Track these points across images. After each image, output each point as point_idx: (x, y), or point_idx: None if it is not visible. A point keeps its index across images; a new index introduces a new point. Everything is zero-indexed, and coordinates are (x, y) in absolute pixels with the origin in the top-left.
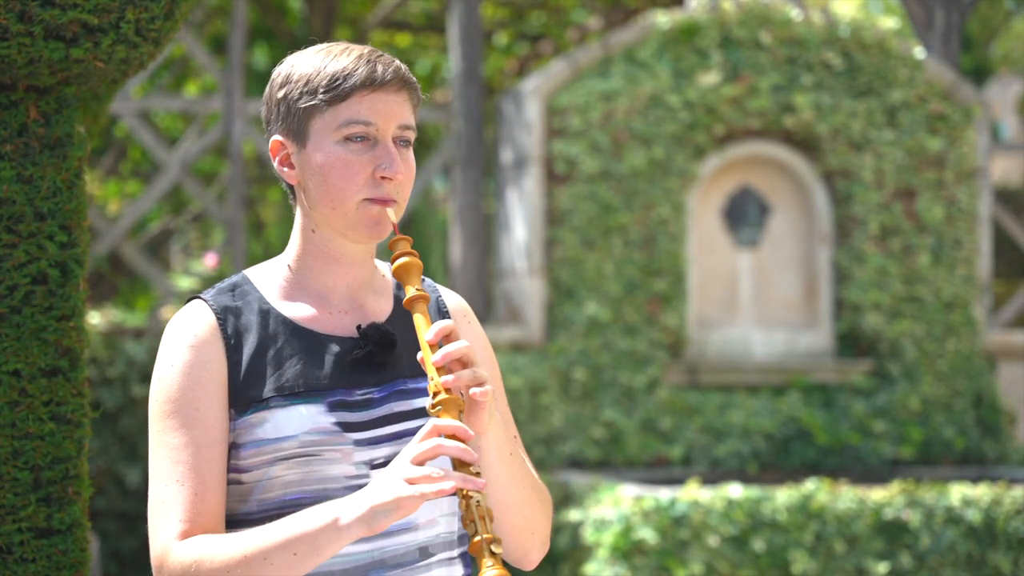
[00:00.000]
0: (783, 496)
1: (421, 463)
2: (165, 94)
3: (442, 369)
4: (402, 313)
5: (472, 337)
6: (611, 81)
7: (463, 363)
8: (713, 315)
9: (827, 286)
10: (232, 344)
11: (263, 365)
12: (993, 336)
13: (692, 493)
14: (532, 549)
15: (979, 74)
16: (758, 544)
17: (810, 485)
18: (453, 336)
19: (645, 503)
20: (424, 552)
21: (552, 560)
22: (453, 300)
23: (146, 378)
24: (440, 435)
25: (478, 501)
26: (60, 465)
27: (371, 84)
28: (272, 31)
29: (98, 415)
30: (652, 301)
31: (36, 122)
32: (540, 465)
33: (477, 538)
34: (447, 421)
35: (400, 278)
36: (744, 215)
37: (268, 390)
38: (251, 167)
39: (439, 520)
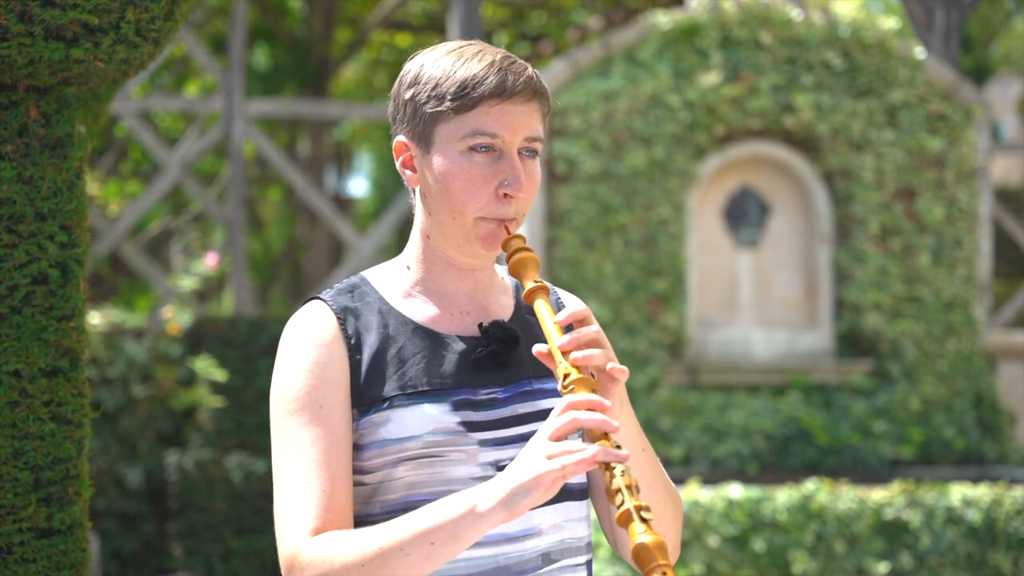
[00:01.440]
0: (783, 496)
1: (559, 439)
2: (165, 94)
3: (569, 353)
4: (524, 313)
5: None
6: (611, 81)
7: (594, 347)
8: (713, 315)
9: (827, 286)
10: (353, 344)
11: (385, 364)
12: (993, 336)
13: (692, 493)
14: None
15: (979, 74)
16: (758, 544)
17: (810, 485)
18: (587, 322)
19: None
20: (547, 558)
21: None
22: (575, 304)
23: (146, 378)
24: (576, 409)
25: (623, 470)
26: (60, 465)
27: (500, 94)
28: (272, 31)
29: (98, 415)
30: (652, 301)
31: (36, 122)
32: None
33: (624, 507)
34: (582, 395)
35: (516, 274)
36: (744, 215)
37: (391, 389)
38: (251, 167)
39: (564, 525)
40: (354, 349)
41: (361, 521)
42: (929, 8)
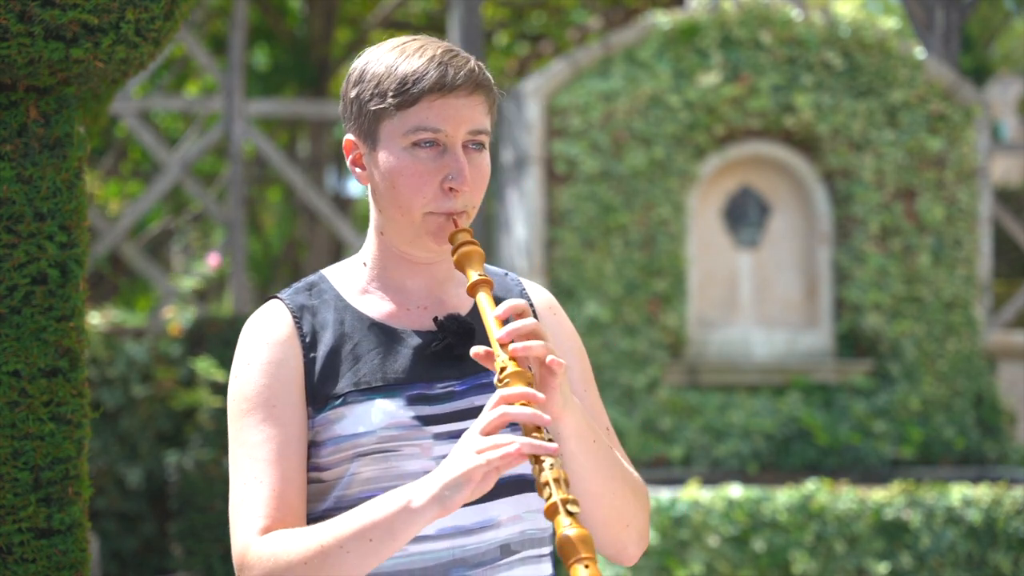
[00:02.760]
0: (783, 496)
1: (489, 433)
2: (165, 94)
3: (507, 346)
4: None
5: (560, 331)
6: (611, 81)
7: (532, 339)
8: (713, 315)
9: (827, 286)
10: (308, 342)
11: (340, 361)
12: (993, 336)
13: (692, 493)
14: (629, 543)
15: (979, 74)
16: (758, 544)
17: (810, 485)
18: (525, 315)
19: None
20: (506, 550)
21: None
22: (539, 295)
23: (146, 378)
24: (507, 403)
25: (551, 464)
26: (60, 465)
27: (441, 88)
28: (272, 31)
29: (98, 415)
30: (652, 301)
31: (36, 122)
32: None
33: (551, 500)
34: (514, 389)
35: (460, 267)
36: (744, 215)
37: (345, 385)
38: (251, 167)
39: (525, 517)
40: (309, 347)
41: (320, 518)
42: (929, 8)
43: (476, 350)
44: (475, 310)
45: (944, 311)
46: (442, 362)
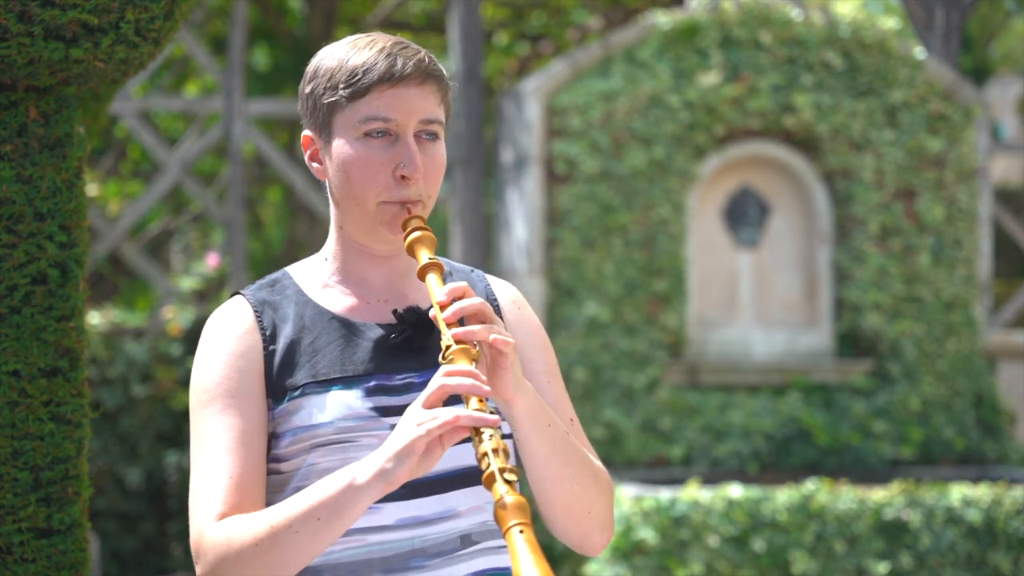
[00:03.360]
0: (783, 496)
1: (431, 407)
2: (165, 94)
3: (452, 326)
4: None
5: (524, 325)
6: (611, 81)
7: (479, 321)
8: (713, 315)
9: (827, 286)
10: (269, 335)
11: (299, 354)
12: (993, 336)
13: (692, 493)
14: (592, 531)
15: (979, 74)
16: (758, 544)
17: (810, 485)
18: (467, 296)
19: (645, 503)
20: (467, 540)
21: (552, 560)
22: (504, 291)
23: (146, 378)
24: (448, 378)
25: (491, 435)
26: (60, 465)
27: (390, 79)
28: (272, 31)
29: (98, 415)
30: (652, 301)
31: (36, 122)
32: None
33: (489, 469)
34: (457, 365)
35: (411, 252)
36: (744, 215)
37: (303, 377)
38: (251, 167)
39: (485, 507)
40: (269, 340)
41: None
42: (929, 8)
43: (433, 315)
44: None
45: (944, 311)
46: (402, 354)
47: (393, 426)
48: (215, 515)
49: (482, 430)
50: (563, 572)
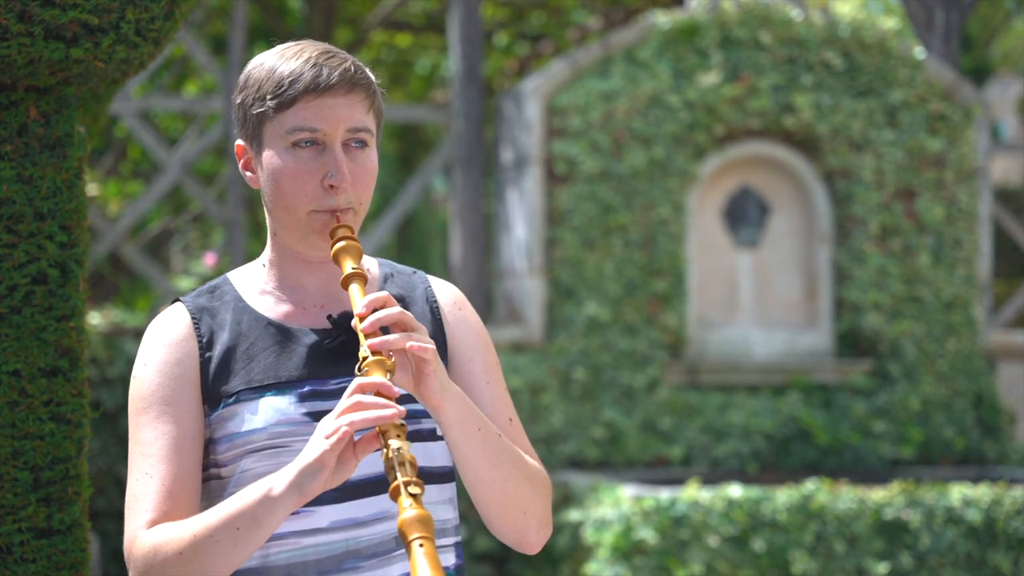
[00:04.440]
0: (783, 496)
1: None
2: (165, 94)
3: (373, 336)
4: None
5: (464, 326)
6: (611, 81)
7: (400, 330)
8: (713, 315)
9: (827, 286)
10: (205, 342)
11: (234, 361)
12: (993, 336)
13: (692, 493)
14: (528, 530)
15: (979, 74)
16: (758, 544)
17: (810, 485)
18: (387, 306)
19: (645, 503)
20: (400, 541)
21: (552, 560)
22: (444, 291)
23: None
24: (362, 391)
25: (398, 447)
26: (60, 465)
27: (315, 89)
28: (272, 31)
29: (98, 415)
30: (652, 301)
31: (36, 122)
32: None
33: (395, 482)
34: (370, 378)
35: (337, 261)
36: (744, 215)
37: (238, 384)
38: None
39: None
40: (205, 347)
41: None
42: (929, 8)
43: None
44: None
45: (944, 311)
46: (337, 359)
47: None
48: (145, 522)
49: (389, 442)
50: (563, 572)
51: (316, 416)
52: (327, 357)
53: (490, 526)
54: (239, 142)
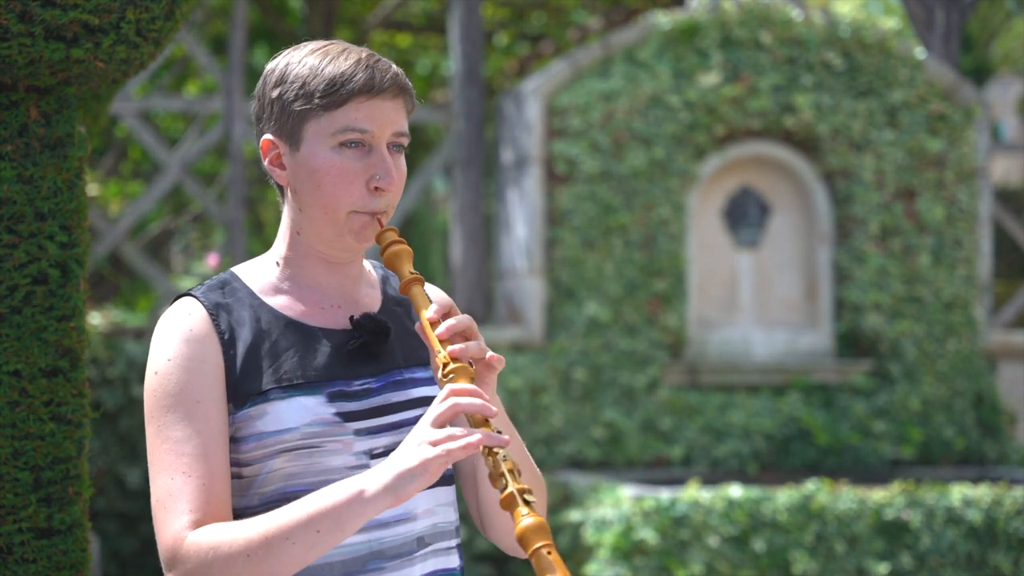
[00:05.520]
0: (783, 496)
1: (442, 425)
2: (165, 94)
3: (446, 342)
4: (392, 305)
5: None
6: (611, 81)
7: (466, 337)
8: (713, 315)
9: (827, 286)
10: (227, 339)
11: (259, 359)
12: (993, 336)
13: (692, 493)
14: None
15: (979, 74)
16: (758, 544)
17: (810, 485)
18: (453, 312)
19: (645, 503)
20: (421, 542)
21: None
22: (436, 295)
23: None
24: (457, 396)
25: (504, 455)
26: (60, 465)
27: (369, 91)
28: (272, 31)
29: (98, 415)
30: (652, 301)
31: (36, 122)
32: (540, 465)
33: (508, 490)
34: (462, 384)
35: (392, 266)
36: (744, 215)
37: (267, 382)
38: (251, 167)
39: (437, 510)
40: (228, 344)
41: (240, 513)
42: (929, 8)
43: (418, 325)
44: (384, 308)
45: (944, 311)
46: (358, 360)
47: (356, 431)
48: (189, 522)
49: (496, 450)
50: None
51: (345, 417)
52: (348, 358)
53: (491, 530)
54: (268, 136)
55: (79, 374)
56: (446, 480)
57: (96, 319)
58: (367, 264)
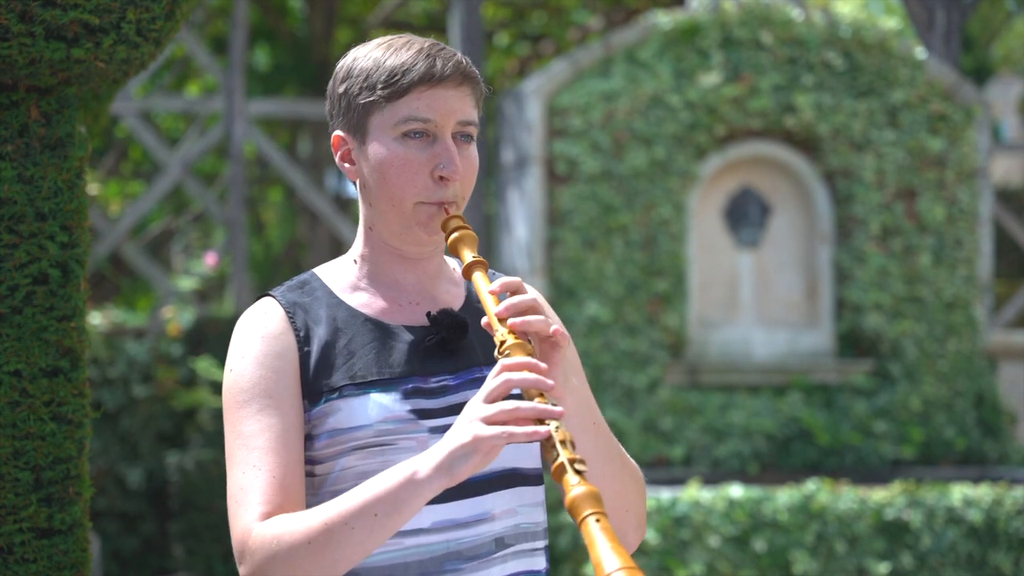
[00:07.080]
0: (784, 496)
1: (493, 401)
2: (166, 94)
3: (505, 321)
4: (475, 302)
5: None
6: (612, 81)
7: (531, 313)
8: (714, 315)
9: (828, 286)
10: (302, 336)
11: (334, 355)
12: (994, 336)
13: (693, 493)
14: (628, 529)
15: (980, 74)
16: (759, 544)
17: (811, 485)
18: (520, 291)
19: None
20: (500, 543)
21: (552, 560)
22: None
23: (146, 378)
24: (510, 371)
25: (557, 426)
26: (61, 465)
27: (430, 79)
28: (273, 31)
29: (99, 415)
30: (653, 301)
31: (37, 122)
32: None
33: (558, 460)
34: (516, 358)
35: (455, 250)
36: (745, 215)
37: (341, 379)
38: (252, 167)
39: (519, 510)
40: (303, 342)
41: None
42: (930, 8)
43: (484, 321)
44: (467, 305)
45: (945, 311)
46: (435, 357)
47: (431, 429)
48: (260, 514)
49: (547, 421)
50: (563, 572)
51: (420, 414)
52: (426, 354)
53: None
54: (338, 133)
55: (80, 374)
56: (532, 480)
57: (97, 319)
58: (450, 261)
